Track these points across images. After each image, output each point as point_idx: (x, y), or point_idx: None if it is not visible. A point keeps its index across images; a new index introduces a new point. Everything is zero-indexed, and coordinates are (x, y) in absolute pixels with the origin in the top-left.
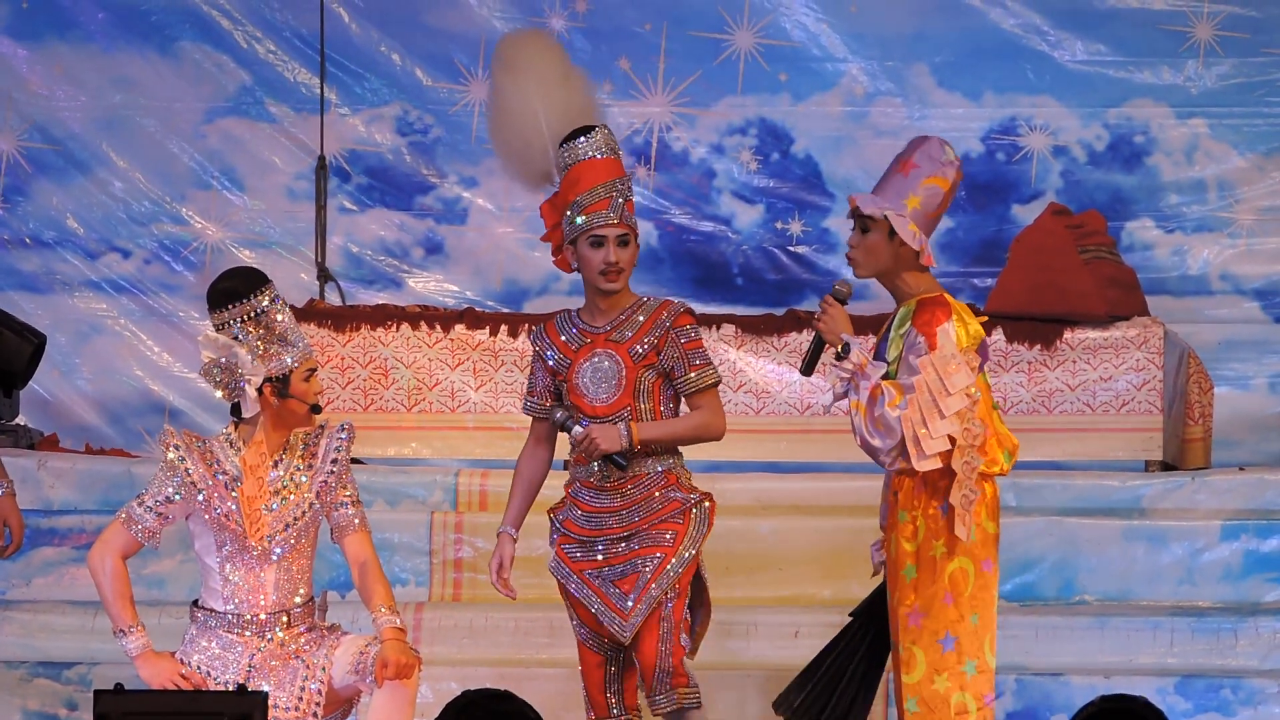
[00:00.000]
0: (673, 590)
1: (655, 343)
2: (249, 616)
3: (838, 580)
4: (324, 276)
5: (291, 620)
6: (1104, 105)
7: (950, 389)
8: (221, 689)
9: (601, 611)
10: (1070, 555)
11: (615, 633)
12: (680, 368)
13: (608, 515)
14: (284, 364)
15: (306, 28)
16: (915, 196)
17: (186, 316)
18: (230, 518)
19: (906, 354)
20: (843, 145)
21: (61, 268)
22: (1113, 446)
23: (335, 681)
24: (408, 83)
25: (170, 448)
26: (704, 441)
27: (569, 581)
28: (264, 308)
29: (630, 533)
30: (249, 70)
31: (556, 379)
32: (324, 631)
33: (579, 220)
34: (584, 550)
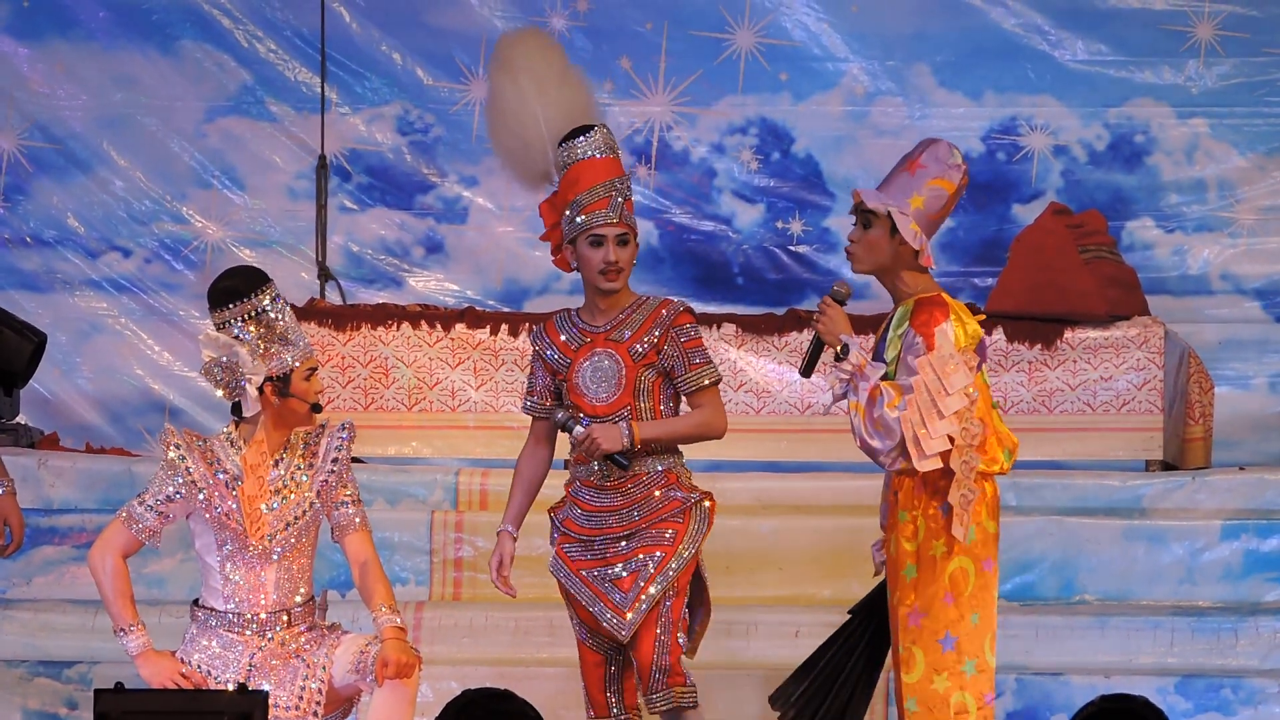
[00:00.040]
0: (671, 589)
1: (655, 342)
2: (249, 616)
3: (838, 580)
4: (324, 276)
5: (292, 619)
6: (1104, 105)
7: (949, 389)
8: (222, 688)
9: (600, 611)
10: (1070, 555)
11: (613, 631)
12: (680, 366)
13: (608, 514)
14: (285, 363)
15: (307, 27)
16: (920, 196)
17: (187, 315)
18: (231, 517)
19: (905, 354)
20: (843, 145)
21: (62, 266)
22: (1113, 446)
23: (335, 680)
24: (408, 82)
25: (171, 446)
26: (705, 440)
27: (568, 581)
28: (265, 307)
29: (630, 532)
30: (250, 69)
31: (556, 378)
32: (324, 631)
33: (578, 219)
34: (584, 549)
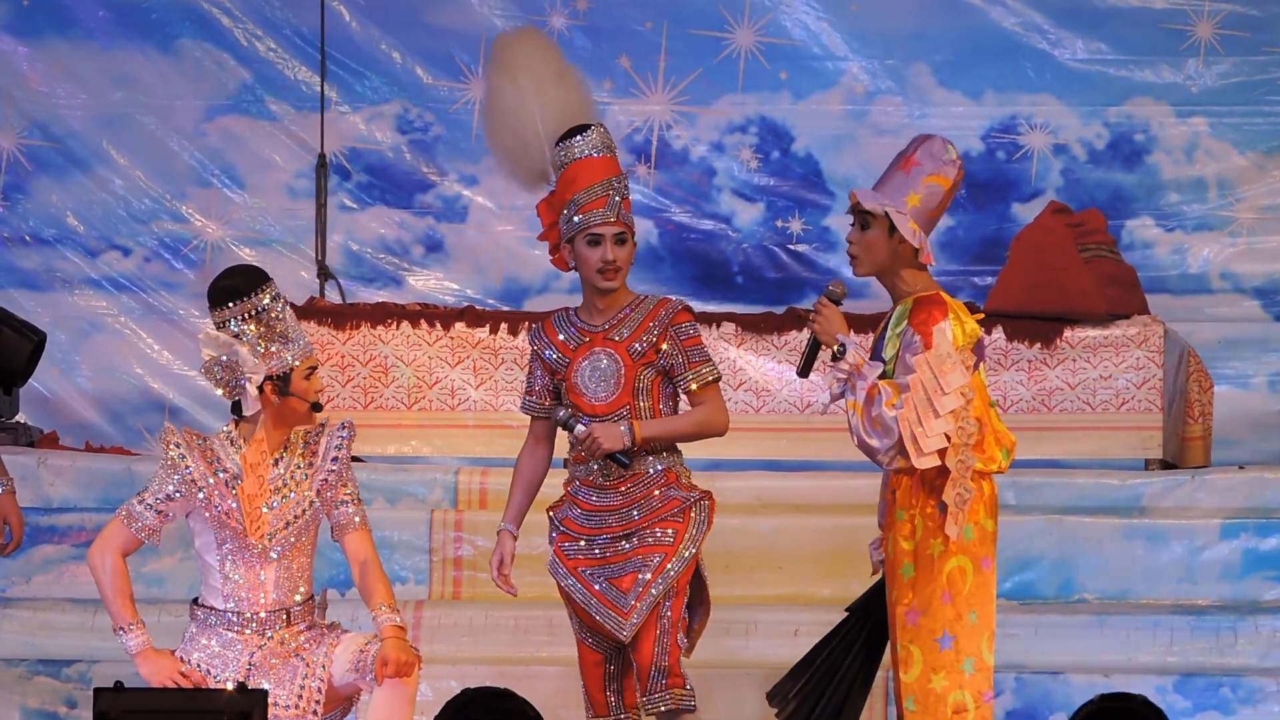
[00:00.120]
0: (672, 590)
1: (654, 341)
2: (249, 614)
3: (837, 579)
4: (324, 274)
5: (291, 618)
6: (1104, 104)
7: (945, 388)
8: (221, 687)
9: (599, 611)
10: (1070, 554)
11: (614, 632)
12: (680, 365)
13: (607, 514)
14: (285, 362)
15: (307, 26)
16: (916, 194)
17: (187, 314)
18: (230, 516)
19: (903, 353)
20: (843, 144)
21: (61, 265)
22: (1112, 445)
23: (335, 679)
24: (408, 81)
25: (171, 445)
26: (707, 437)
27: (567, 581)
28: (265, 306)
29: (630, 531)
30: (249, 68)
31: (555, 378)
32: (324, 630)
33: (576, 219)
34: (583, 549)
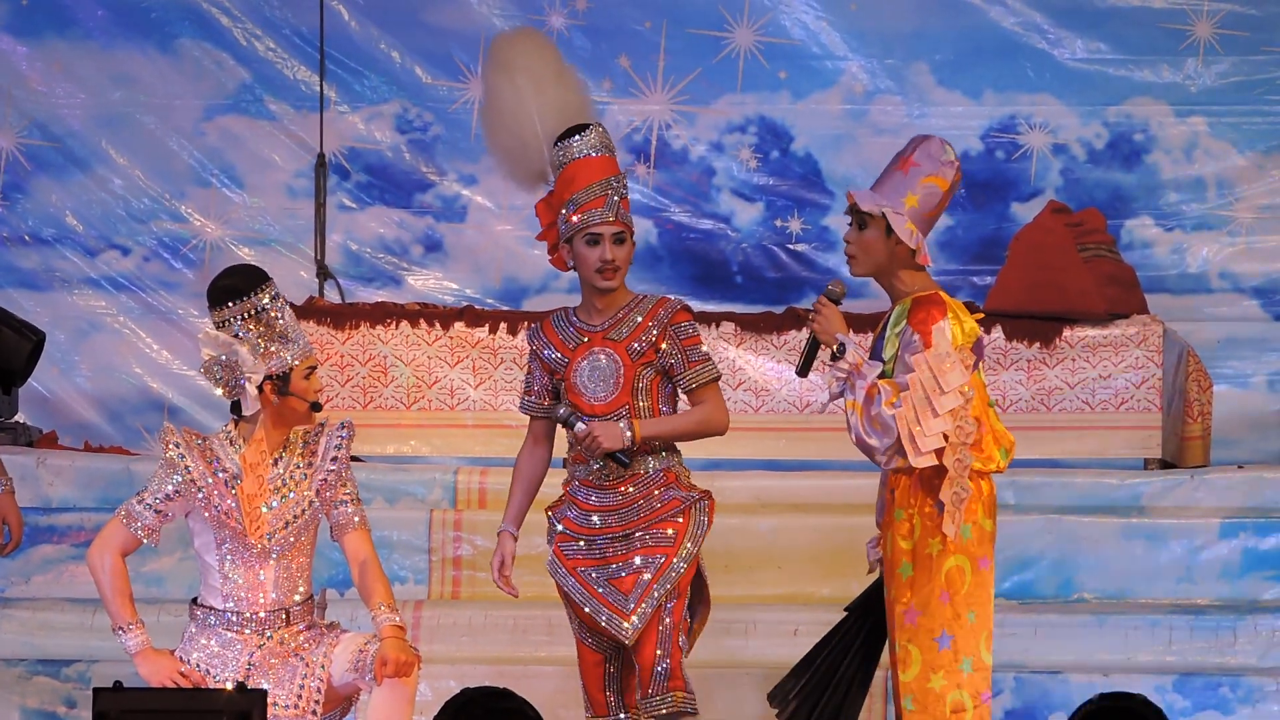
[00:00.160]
0: (674, 591)
1: (653, 340)
2: (248, 614)
3: (837, 578)
4: (323, 274)
5: (291, 618)
6: (1103, 103)
7: (945, 387)
8: (220, 687)
9: (600, 612)
10: (1069, 553)
11: (616, 634)
12: (679, 364)
13: (607, 514)
14: (284, 362)
15: (306, 25)
16: (914, 195)
17: (186, 314)
18: (230, 515)
19: (902, 352)
20: (842, 143)
21: (61, 265)
22: (1112, 444)
23: (334, 679)
24: (407, 80)
25: (170, 445)
26: (707, 436)
27: (566, 581)
28: (264, 305)
29: (629, 531)
30: (248, 68)
31: (554, 378)
32: (323, 629)
33: (574, 218)
34: (583, 549)
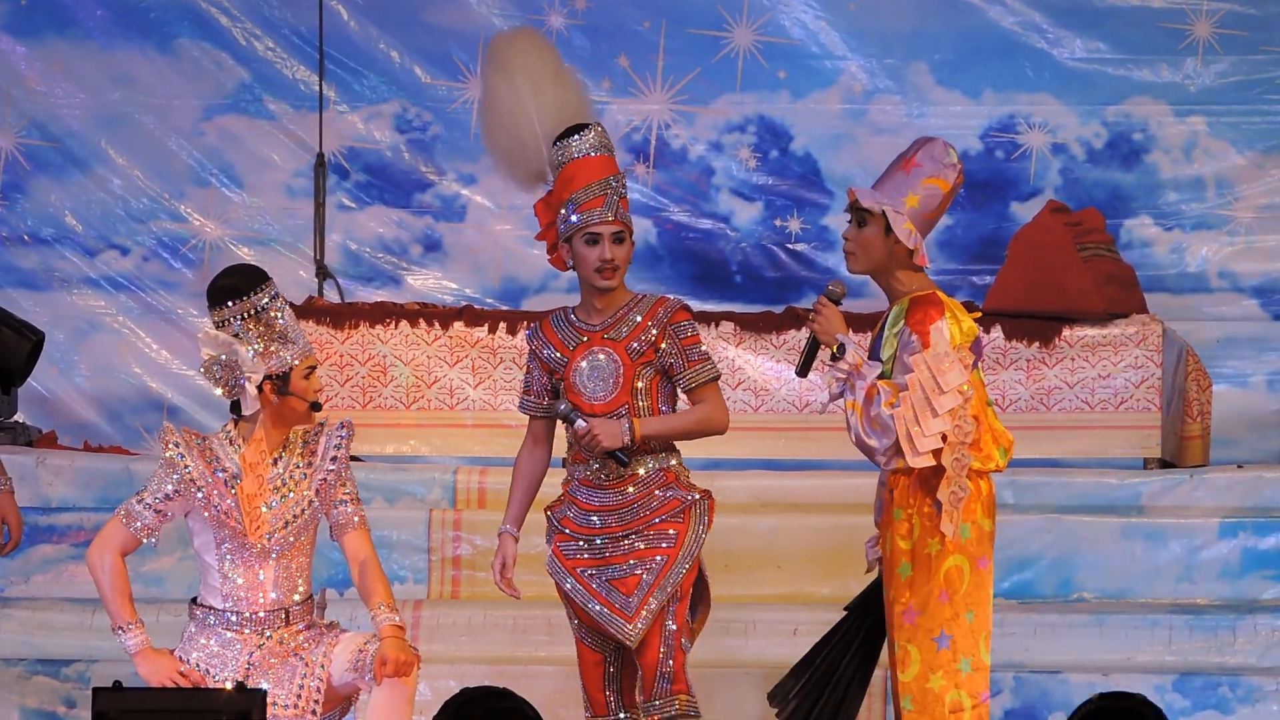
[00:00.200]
0: (676, 593)
1: (652, 340)
2: (248, 614)
3: (836, 578)
4: (323, 274)
5: (290, 618)
6: (1103, 103)
7: (943, 387)
8: (220, 686)
9: (601, 614)
10: (1068, 553)
11: (617, 635)
12: (679, 363)
13: (607, 514)
14: (284, 361)
15: (305, 25)
16: (915, 195)
17: (185, 314)
18: (229, 515)
19: (901, 353)
20: (841, 143)
21: (60, 265)
22: (1111, 444)
23: (334, 679)
24: (406, 80)
25: (169, 445)
26: (707, 435)
27: (565, 582)
28: (264, 305)
29: (630, 531)
30: (248, 67)
31: (553, 377)
32: (323, 629)
33: (574, 218)
34: (582, 549)
